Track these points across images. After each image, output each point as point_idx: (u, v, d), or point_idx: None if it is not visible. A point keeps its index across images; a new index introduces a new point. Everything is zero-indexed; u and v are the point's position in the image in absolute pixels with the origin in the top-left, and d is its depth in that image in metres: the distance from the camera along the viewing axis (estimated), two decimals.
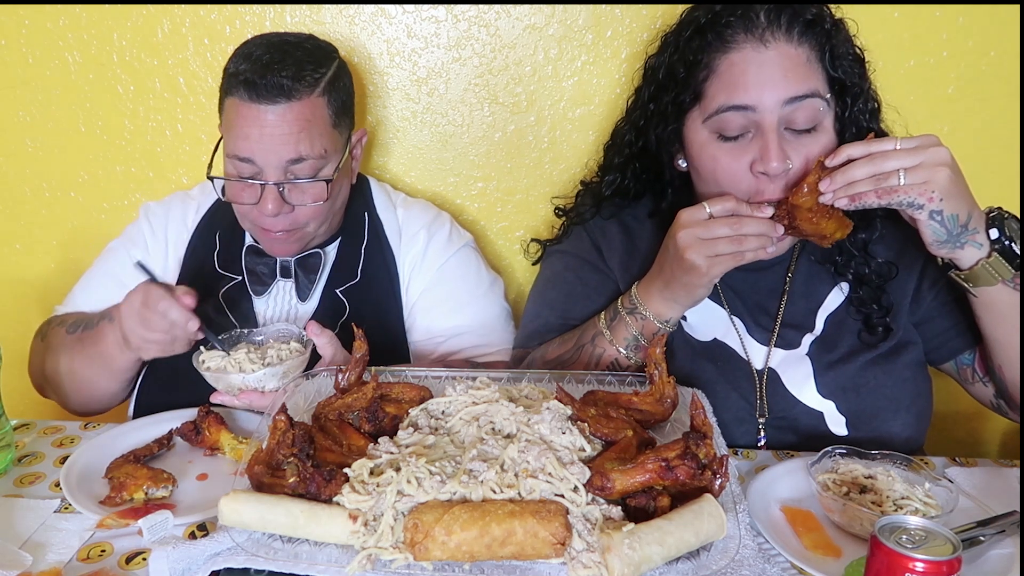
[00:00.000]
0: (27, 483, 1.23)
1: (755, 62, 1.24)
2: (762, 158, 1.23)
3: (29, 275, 1.97)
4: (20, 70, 1.83)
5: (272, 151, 1.40)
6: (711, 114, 1.28)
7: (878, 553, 0.84)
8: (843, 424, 1.37)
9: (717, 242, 1.21)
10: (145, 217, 1.67)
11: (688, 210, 1.25)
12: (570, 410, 1.11)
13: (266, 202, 1.42)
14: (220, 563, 0.95)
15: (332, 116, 1.47)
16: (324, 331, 1.34)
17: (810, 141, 1.25)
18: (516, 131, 1.85)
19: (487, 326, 1.64)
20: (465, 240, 1.70)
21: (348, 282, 1.60)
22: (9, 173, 1.91)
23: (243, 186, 1.45)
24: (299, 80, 1.39)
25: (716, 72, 1.28)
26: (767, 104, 1.23)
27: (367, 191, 1.69)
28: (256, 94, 1.38)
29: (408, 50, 1.80)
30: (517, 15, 1.76)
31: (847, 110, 1.30)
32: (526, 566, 0.92)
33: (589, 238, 1.57)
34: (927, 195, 1.14)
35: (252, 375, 1.30)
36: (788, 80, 1.23)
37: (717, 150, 1.29)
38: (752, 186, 1.27)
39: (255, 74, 1.38)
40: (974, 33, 1.71)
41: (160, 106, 1.84)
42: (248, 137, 1.40)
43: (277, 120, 1.39)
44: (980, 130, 1.79)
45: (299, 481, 0.98)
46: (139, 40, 1.79)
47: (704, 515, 0.93)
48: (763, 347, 1.44)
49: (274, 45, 1.44)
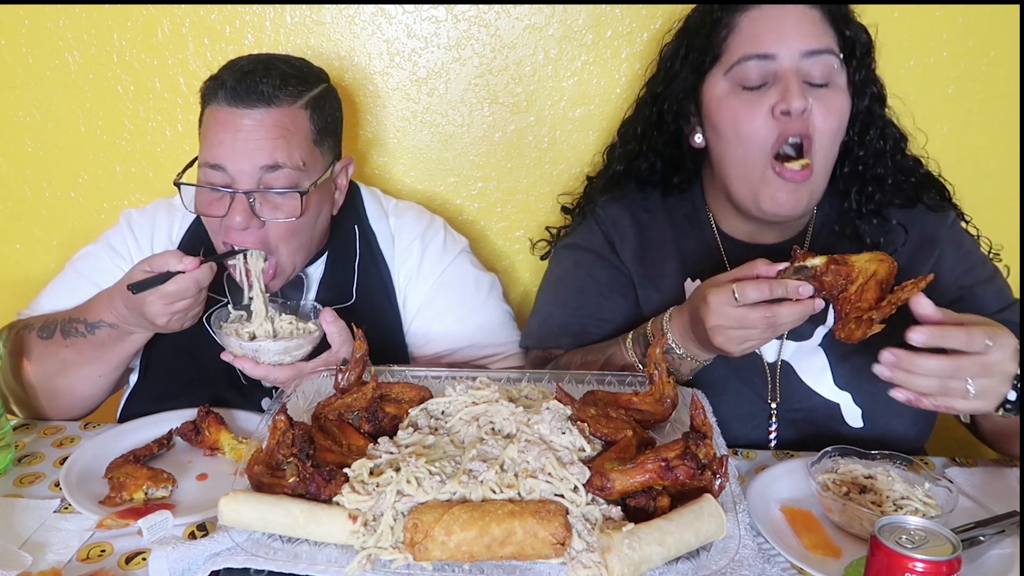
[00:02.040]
0: (27, 483, 1.23)
1: (775, 16, 1.31)
2: (783, 98, 1.27)
3: (29, 275, 1.97)
4: (20, 70, 1.83)
5: (245, 156, 1.33)
6: (733, 64, 1.33)
7: (878, 553, 0.84)
8: (859, 416, 1.37)
9: (750, 332, 1.15)
10: (128, 227, 1.60)
11: (716, 294, 1.14)
12: (570, 410, 1.11)
13: (234, 213, 1.34)
14: (220, 563, 0.95)
15: (314, 132, 1.40)
16: (338, 320, 1.32)
17: (827, 93, 1.30)
18: (516, 131, 1.85)
19: (491, 333, 1.62)
20: (460, 247, 1.66)
21: (341, 303, 1.53)
22: (9, 173, 1.91)
23: (212, 197, 1.37)
24: (281, 89, 1.35)
25: (737, 28, 1.34)
26: (787, 54, 1.29)
27: (358, 201, 1.63)
28: (235, 98, 1.33)
29: (408, 50, 1.80)
30: (517, 15, 1.76)
31: (857, 73, 1.35)
32: (526, 566, 0.92)
33: (601, 231, 1.55)
34: (990, 405, 1.09)
35: (249, 344, 1.31)
36: (807, 34, 1.29)
37: (737, 101, 1.32)
38: (773, 130, 1.29)
39: (236, 79, 1.34)
40: (974, 33, 1.72)
41: (160, 106, 1.84)
42: (222, 143, 1.34)
43: (254, 125, 1.33)
44: (980, 130, 1.79)
45: (299, 481, 0.98)
46: (139, 40, 1.79)
47: (704, 515, 0.93)
48: (775, 340, 1.43)
49: (260, 59, 1.40)
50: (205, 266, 1.29)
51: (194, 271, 1.27)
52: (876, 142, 1.41)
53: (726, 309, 1.13)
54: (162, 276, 1.27)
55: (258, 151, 1.33)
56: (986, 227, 1.52)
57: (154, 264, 1.29)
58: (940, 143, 1.69)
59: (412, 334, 1.60)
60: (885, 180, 1.42)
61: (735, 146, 1.33)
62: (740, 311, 1.12)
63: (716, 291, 1.14)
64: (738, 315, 1.13)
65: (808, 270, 1.12)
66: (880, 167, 1.42)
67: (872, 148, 1.41)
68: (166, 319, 1.31)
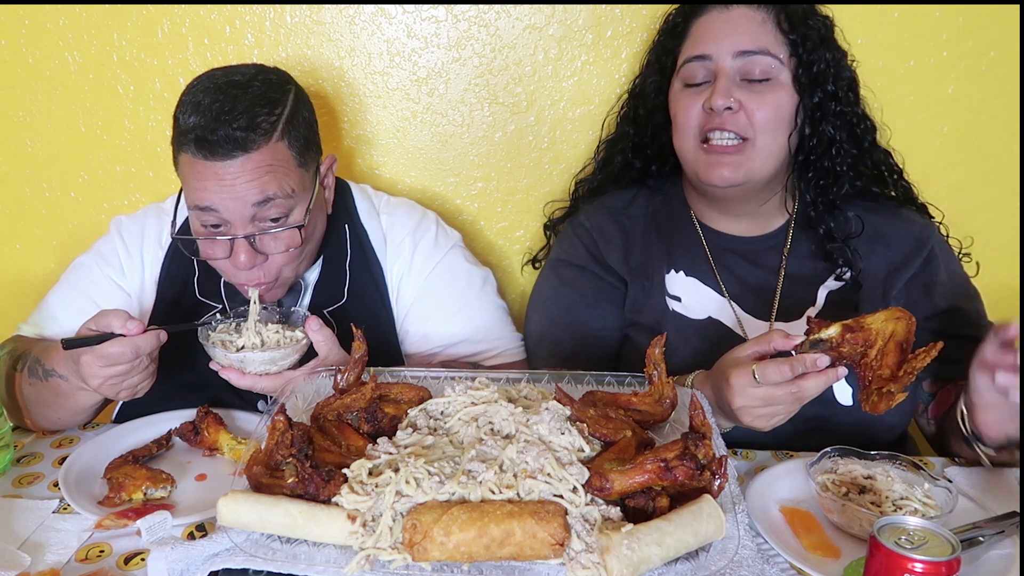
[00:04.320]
0: (26, 483, 1.23)
1: (718, 20, 1.44)
2: (711, 96, 1.40)
3: (29, 275, 1.97)
4: (20, 70, 1.82)
5: (234, 200, 1.30)
6: (681, 65, 1.48)
7: (877, 554, 0.84)
8: (849, 395, 1.39)
9: (777, 408, 1.15)
10: (118, 234, 1.57)
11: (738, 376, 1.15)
12: (569, 411, 1.11)
13: (238, 255, 1.33)
14: (219, 564, 0.95)
15: (296, 156, 1.36)
16: (323, 328, 1.32)
17: (765, 87, 1.40)
18: (516, 131, 1.85)
19: (484, 329, 1.61)
20: (452, 242, 1.64)
21: (335, 303, 1.53)
22: (9, 173, 1.91)
23: (212, 241, 1.35)
24: (253, 129, 1.28)
25: (689, 34, 1.49)
26: (721, 54, 1.41)
27: (349, 200, 1.61)
28: (210, 151, 1.27)
29: (408, 50, 1.80)
30: (517, 15, 1.76)
31: (805, 69, 1.41)
32: (525, 567, 0.91)
33: (582, 242, 1.59)
34: None
35: (234, 354, 1.29)
36: (742, 35, 1.41)
37: (682, 97, 1.47)
38: (701, 121, 1.42)
39: (206, 130, 1.27)
40: (974, 33, 1.71)
41: (160, 106, 1.84)
42: (206, 189, 1.30)
43: (236, 171, 1.29)
44: (980, 130, 1.79)
45: (298, 482, 0.98)
46: (139, 40, 1.79)
47: (703, 516, 0.93)
48: (763, 322, 1.47)
49: (221, 89, 1.32)
50: (150, 334, 1.24)
51: (136, 336, 1.22)
52: (828, 134, 1.44)
53: (750, 391, 1.14)
54: (101, 336, 1.21)
55: (247, 193, 1.30)
56: (986, 228, 1.53)
57: (99, 323, 1.24)
58: (940, 143, 1.69)
59: (405, 331, 1.60)
60: (838, 173, 1.47)
61: (679, 134, 1.48)
62: (764, 390, 1.13)
63: (737, 373, 1.15)
64: (762, 394, 1.14)
65: (824, 343, 1.13)
66: (829, 160, 1.46)
67: (824, 140, 1.45)
68: (99, 382, 1.24)
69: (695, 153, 1.45)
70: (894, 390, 1.09)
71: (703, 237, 1.55)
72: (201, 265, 1.52)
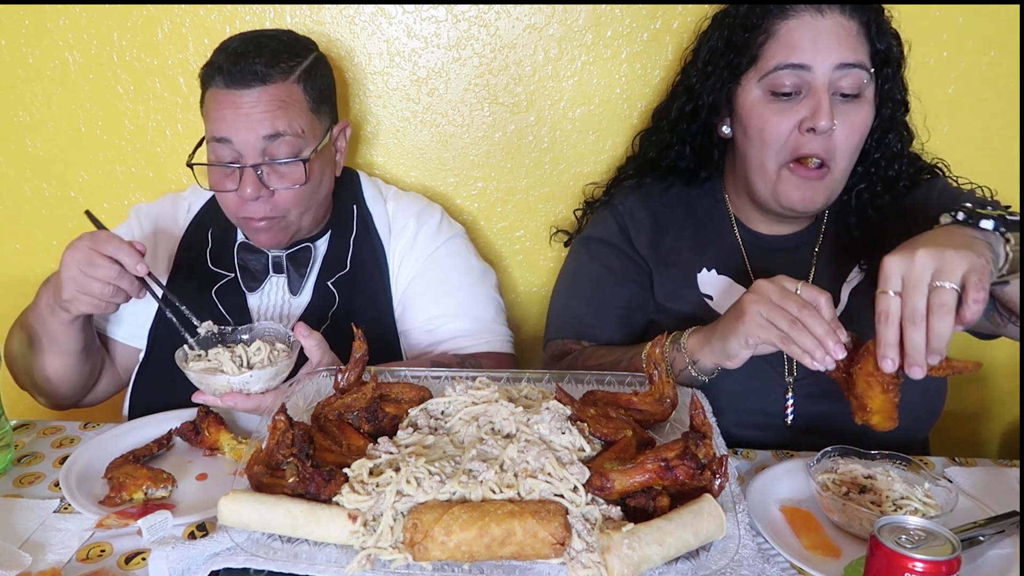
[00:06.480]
0: (26, 483, 1.23)
1: (812, 28, 1.33)
2: (813, 115, 1.32)
3: (29, 275, 1.97)
4: (20, 70, 1.83)
5: (248, 128, 1.41)
6: (768, 72, 1.36)
7: (877, 553, 0.84)
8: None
9: (781, 312, 1.14)
10: (135, 217, 1.67)
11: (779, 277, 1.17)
12: (569, 410, 1.11)
13: (245, 185, 1.43)
14: (219, 563, 0.95)
15: (310, 102, 1.49)
16: (312, 333, 1.30)
17: (853, 108, 1.34)
18: (516, 131, 1.85)
19: (477, 314, 1.63)
20: (456, 230, 1.70)
21: (338, 273, 1.60)
22: (9, 173, 1.91)
23: (223, 174, 1.47)
24: (273, 67, 1.43)
25: (775, 35, 1.36)
26: (821, 66, 1.32)
27: (356, 184, 1.70)
28: (231, 80, 1.41)
29: (408, 50, 1.80)
30: (517, 15, 1.76)
31: (886, 84, 1.39)
32: (525, 566, 0.92)
33: (616, 222, 1.60)
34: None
35: (237, 378, 1.24)
36: (841, 47, 1.32)
37: (767, 109, 1.37)
38: (794, 142, 1.35)
39: (229, 63, 1.42)
40: (974, 33, 1.71)
41: (160, 106, 1.84)
42: (224, 118, 1.43)
43: (253, 101, 1.42)
44: (980, 130, 1.79)
45: (298, 481, 0.98)
46: (139, 40, 1.79)
47: (704, 515, 0.93)
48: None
49: (250, 39, 1.47)
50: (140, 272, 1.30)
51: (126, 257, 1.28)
52: (894, 146, 1.45)
53: (784, 282, 1.15)
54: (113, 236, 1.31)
55: (260, 123, 1.42)
56: None
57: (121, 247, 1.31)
58: (940, 143, 1.69)
59: (400, 308, 1.64)
60: (896, 182, 1.46)
61: (759, 148, 1.40)
62: (788, 294, 1.13)
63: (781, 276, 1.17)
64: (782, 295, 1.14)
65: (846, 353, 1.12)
66: (892, 169, 1.46)
67: (889, 151, 1.45)
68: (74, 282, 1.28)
69: (776, 172, 1.39)
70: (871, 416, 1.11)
71: (739, 236, 1.55)
72: (215, 237, 1.63)
